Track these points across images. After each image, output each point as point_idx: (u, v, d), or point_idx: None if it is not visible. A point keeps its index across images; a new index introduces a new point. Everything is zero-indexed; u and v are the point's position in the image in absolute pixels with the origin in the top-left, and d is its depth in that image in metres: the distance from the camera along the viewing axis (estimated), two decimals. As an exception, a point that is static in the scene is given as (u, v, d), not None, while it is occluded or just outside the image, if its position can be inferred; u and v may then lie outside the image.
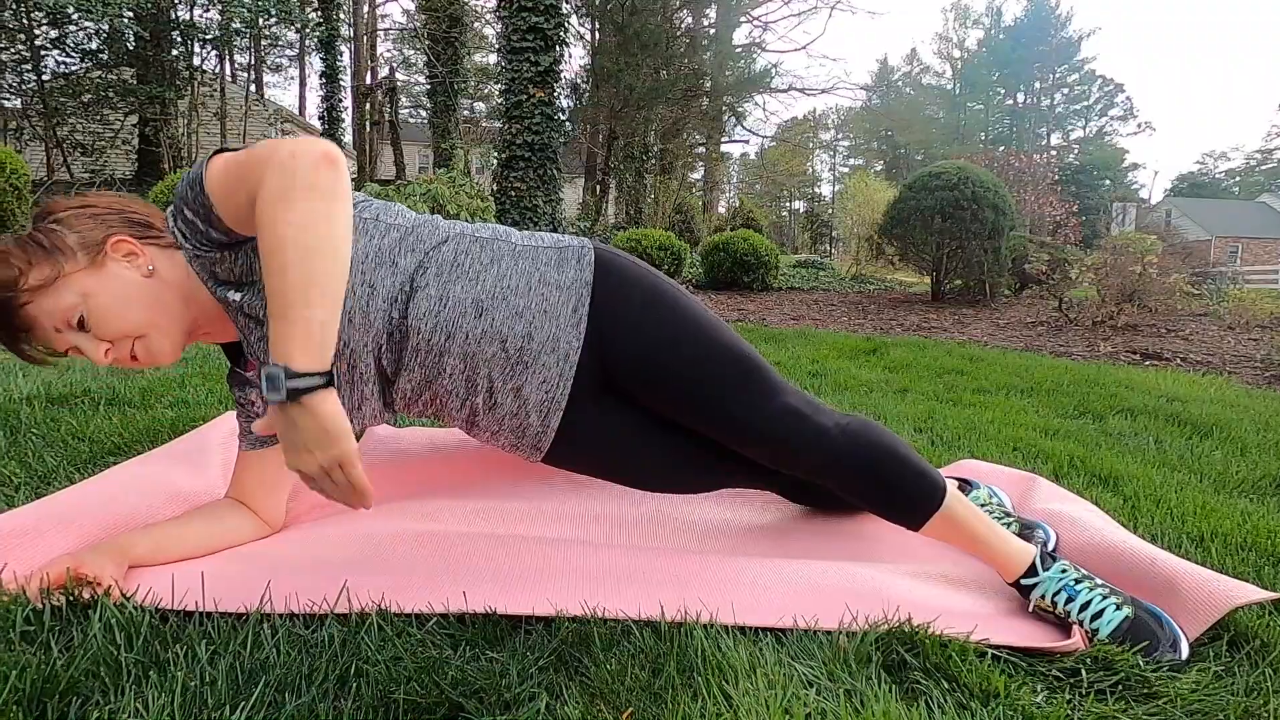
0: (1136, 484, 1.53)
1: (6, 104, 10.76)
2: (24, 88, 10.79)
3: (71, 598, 0.85)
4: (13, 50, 10.52)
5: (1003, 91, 44.44)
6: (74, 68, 11.12)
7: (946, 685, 0.79)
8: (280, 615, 0.86)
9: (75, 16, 9.82)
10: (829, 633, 0.87)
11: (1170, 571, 1.00)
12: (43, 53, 10.64)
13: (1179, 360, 3.95)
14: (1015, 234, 7.14)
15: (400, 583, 0.93)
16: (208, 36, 11.25)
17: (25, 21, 10.23)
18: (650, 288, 1.07)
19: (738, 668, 0.79)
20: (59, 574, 0.87)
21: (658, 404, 1.08)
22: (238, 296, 0.96)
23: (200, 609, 0.86)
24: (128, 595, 0.87)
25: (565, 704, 0.72)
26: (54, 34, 10.73)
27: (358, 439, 1.61)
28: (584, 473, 1.17)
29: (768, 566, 1.04)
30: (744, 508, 1.35)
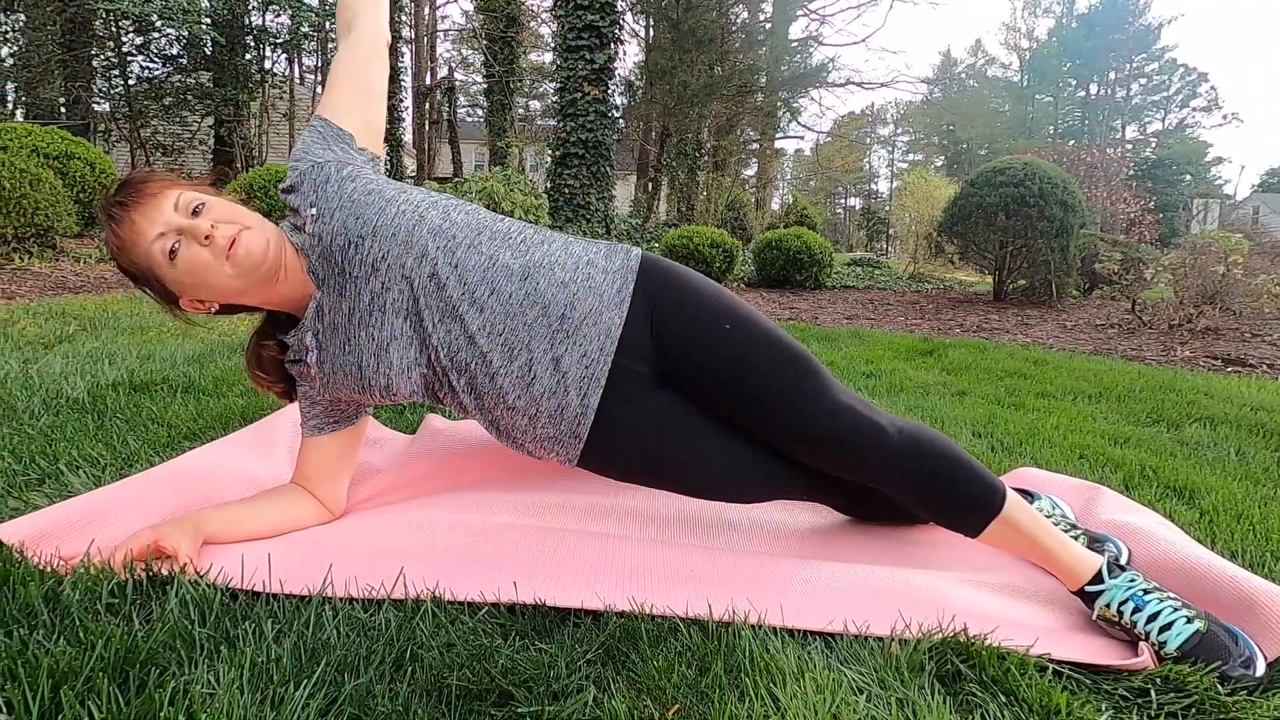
0: (1215, 497, 1.45)
1: (97, 107, 11.46)
2: (112, 92, 11.47)
3: (150, 573, 0.91)
4: (103, 57, 11.20)
5: (1074, 83, 42.48)
6: (156, 73, 11.76)
7: (1004, 699, 0.77)
8: (340, 599, 0.89)
9: (158, 24, 10.39)
10: (880, 639, 0.86)
11: (1249, 589, 0.94)
12: (129, 59, 11.29)
13: (1265, 367, 3.71)
14: (1085, 232, 6.82)
15: (454, 571, 0.95)
16: (278, 40, 11.74)
17: (114, 29, 10.87)
18: (698, 282, 1.10)
19: (786, 670, 0.78)
20: (141, 547, 0.93)
21: (708, 398, 1.07)
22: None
23: (267, 589, 0.90)
24: (201, 573, 0.92)
25: (612, 698, 0.73)
26: (139, 41, 11.38)
27: (412, 429, 1.66)
28: (624, 476, 1.11)
29: (819, 569, 1.02)
30: (796, 510, 1.33)
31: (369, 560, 0.99)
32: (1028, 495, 1.29)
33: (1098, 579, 0.95)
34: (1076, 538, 1.15)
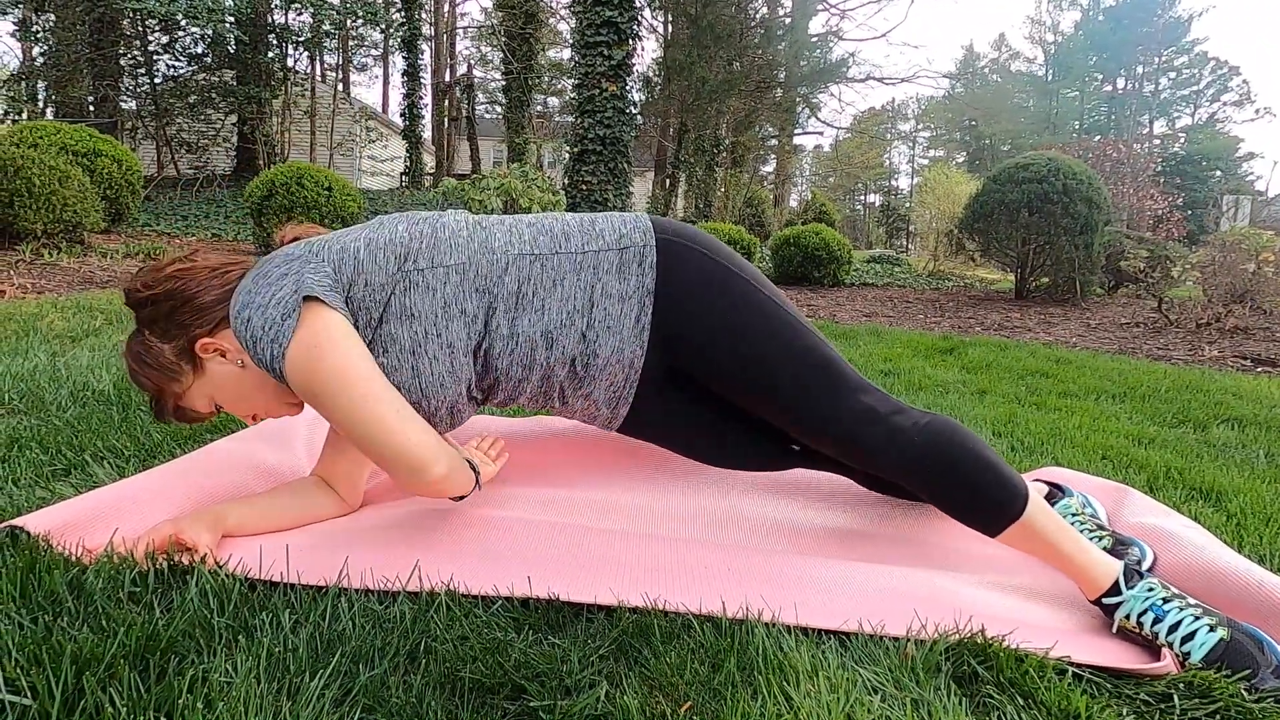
0: (1243, 499, 1.42)
1: (124, 105, 11.66)
2: (139, 90, 11.66)
3: (172, 563, 0.92)
4: (130, 56, 11.39)
5: (1100, 77, 41.68)
6: (181, 71, 11.94)
7: (1021, 702, 0.75)
8: (356, 590, 0.90)
9: (183, 23, 10.54)
10: (896, 639, 0.85)
11: (1277, 595, 0.92)
12: (155, 58, 11.47)
13: (1296, 367, 3.62)
14: (1110, 229, 6.70)
15: (468, 565, 0.96)
16: (300, 39, 11.86)
17: (140, 28, 11.05)
18: (718, 280, 1.04)
19: (799, 669, 0.77)
20: (163, 539, 0.95)
21: (729, 396, 1.08)
22: None
23: (285, 580, 0.91)
24: (221, 564, 0.93)
25: (625, 694, 0.73)
26: (165, 40, 11.55)
27: None
28: (655, 443, 1.21)
29: (834, 568, 1.02)
30: (812, 508, 1.32)
31: (385, 553, 0.99)
32: (1058, 490, 1.26)
33: (1115, 590, 0.93)
34: (1102, 540, 1.13)
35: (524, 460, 1.44)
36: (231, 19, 10.34)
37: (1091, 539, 1.12)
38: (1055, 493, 1.26)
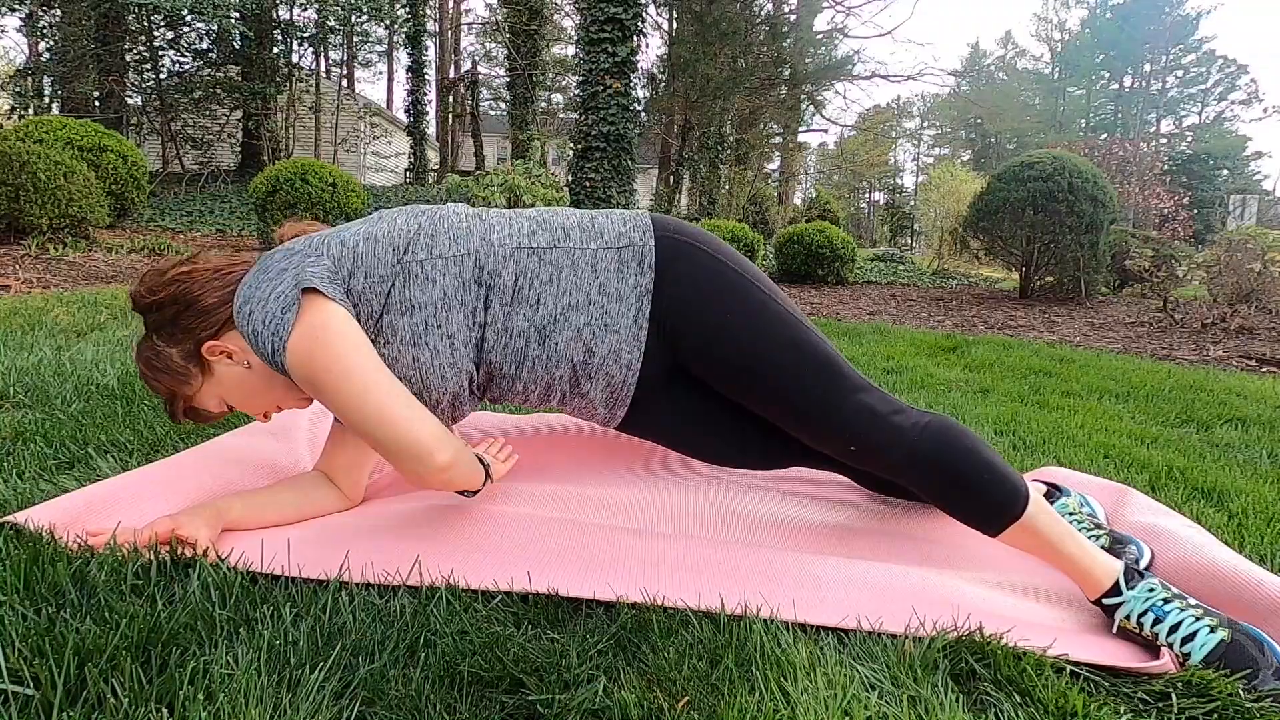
0: (1245, 500, 1.41)
1: (129, 101, 11.69)
2: (144, 86, 11.69)
3: (174, 555, 0.93)
4: (135, 51, 11.42)
5: (1107, 75, 41.44)
6: (186, 67, 11.97)
7: (1019, 699, 0.75)
8: (357, 584, 0.90)
9: (188, 18, 10.56)
10: (894, 636, 0.85)
11: (1278, 594, 0.92)
12: (160, 53, 11.50)
13: (1302, 368, 3.60)
14: (1116, 228, 6.67)
15: (468, 560, 0.96)
16: (305, 35, 11.87)
17: (146, 24, 11.07)
18: (718, 279, 1.04)
19: (797, 665, 0.78)
20: (163, 532, 0.95)
21: (729, 395, 1.08)
22: None
23: (286, 574, 0.91)
24: (222, 557, 0.93)
25: (623, 688, 0.73)
26: (170, 35, 11.58)
27: None
28: (655, 441, 1.20)
29: (832, 565, 1.02)
30: (811, 505, 1.32)
31: (386, 547, 1.00)
32: (1056, 490, 1.26)
33: (1115, 590, 0.93)
34: (1099, 539, 1.13)
35: (525, 456, 1.45)
36: (237, 14, 10.34)
37: (1090, 538, 1.12)
38: (1053, 492, 1.26)
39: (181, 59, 11.97)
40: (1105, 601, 0.93)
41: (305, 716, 0.67)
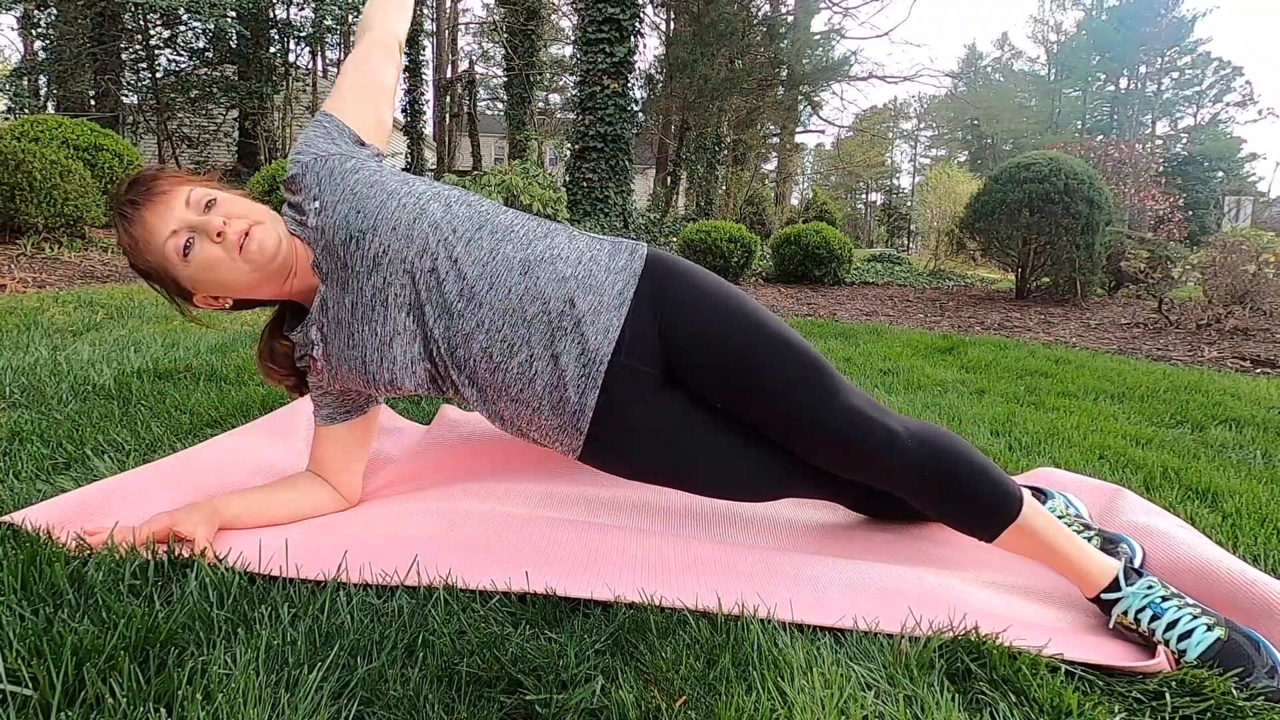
0: (1239, 500, 1.42)
1: (125, 100, 11.66)
2: (140, 85, 11.66)
3: (172, 555, 0.93)
4: (131, 51, 11.39)
5: (1103, 77, 41.55)
6: (183, 66, 11.94)
7: (1014, 699, 0.76)
8: (355, 584, 0.90)
9: (185, 17, 10.54)
10: (890, 636, 0.86)
11: (1271, 595, 0.92)
12: (156, 52, 11.48)
13: (1296, 368, 3.62)
14: (1112, 229, 6.69)
15: (466, 560, 0.96)
16: (302, 34, 11.85)
17: (142, 23, 11.05)
18: (706, 281, 1.08)
19: (794, 665, 0.78)
20: (161, 531, 0.95)
21: (717, 397, 1.07)
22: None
23: (284, 574, 0.91)
24: (220, 557, 0.93)
25: (620, 688, 0.73)
26: (166, 34, 11.55)
27: (427, 421, 1.67)
28: (633, 474, 1.12)
29: (829, 565, 1.02)
30: (809, 506, 1.33)
31: (383, 547, 1.00)
32: (1041, 494, 1.27)
33: (1114, 586, 0.93)
34: (1090, 538, 1.13)
35: (522, 456, 1.45)
36: (233, 13, 10.33)
37: (1082, 538, 1.12)
38: (1038, 495, 1.26)
39: (178, 58, 11.95)
40: (1104, 597, 0.94)
41: (303, 716, 0.67)
